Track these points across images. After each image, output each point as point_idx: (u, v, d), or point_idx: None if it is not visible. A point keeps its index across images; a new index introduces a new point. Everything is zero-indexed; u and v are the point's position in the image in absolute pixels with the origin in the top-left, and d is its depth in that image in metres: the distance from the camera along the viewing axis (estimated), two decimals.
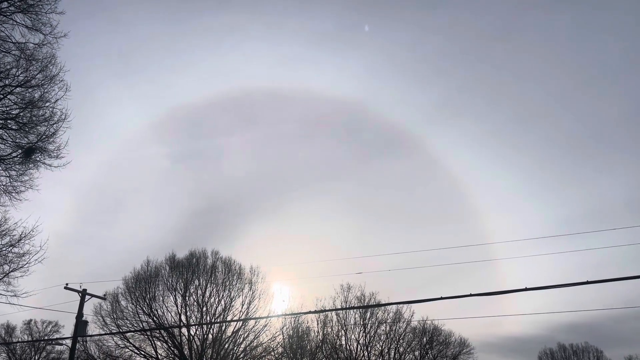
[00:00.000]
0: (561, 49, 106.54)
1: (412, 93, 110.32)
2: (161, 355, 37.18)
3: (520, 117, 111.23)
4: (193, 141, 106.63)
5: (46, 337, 64.88)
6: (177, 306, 37.63)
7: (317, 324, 44.96)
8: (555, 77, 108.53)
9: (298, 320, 42.45)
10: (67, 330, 64.11)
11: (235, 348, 37.78)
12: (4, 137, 17.20)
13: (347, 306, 46.39)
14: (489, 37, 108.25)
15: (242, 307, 38.15)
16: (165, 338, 37.22)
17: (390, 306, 46.84)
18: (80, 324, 27.91)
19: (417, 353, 49.97)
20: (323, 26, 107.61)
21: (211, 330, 37.44)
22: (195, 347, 36.97)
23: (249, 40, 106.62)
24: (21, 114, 17.30)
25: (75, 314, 27.90)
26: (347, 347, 46.33)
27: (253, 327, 38.29)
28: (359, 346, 46.56)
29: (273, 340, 39.74)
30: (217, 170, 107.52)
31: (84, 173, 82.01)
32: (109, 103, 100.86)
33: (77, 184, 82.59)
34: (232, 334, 37.76)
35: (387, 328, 47.92)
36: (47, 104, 17.44)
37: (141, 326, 36.98)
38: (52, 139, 17.58)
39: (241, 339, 38.09)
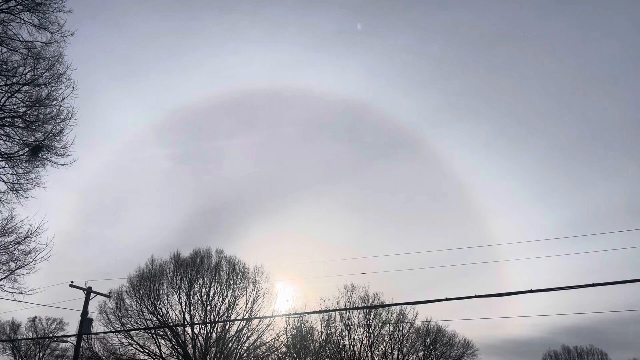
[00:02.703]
0: (563, 51, 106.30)
1: (414, 95, 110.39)
2: (165, 353, 37.28)
3: (522, 119, 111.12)
4: (195, 143, 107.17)
5: (51, 335, 65.15)
6: (181, 305, 37.74)
7: (321, 324, 45.03)
8: (557, 80, 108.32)
9: (302, 320, 42.49)
10: (72, 327, 64.40)
11: (238, 347, 37.83)
12: (11, 135, 17.31)
13: (351, 306, 46.37)
14: (490, 39, 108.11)
15: (245, 306, 38.25)
16: (169, 336, 37.31)
17: (394, 307, 46.83)
18: (85, 322, 27.99)
19: (420, 354, 49.87)
20: (324, 29, 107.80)
21: (215, 329, 37.51)
22: (199, 345, 37.04)
23: (250, 43, 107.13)
24: (28, 112, 17.39)
25: (80, 312, 28.01)
26: (351, 347, 46.32)
27: (257, 326, 38.35)
28: (362, 346, 46.53)
29: (276, 340, 39.81)
30: (218, 171, 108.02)
31: (87, 173, 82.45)
32: (110, 105, 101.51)
33: (80, 184, 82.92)
34: (235, 333, 37.82)
35: (391, 328, 47.88)
36: (54, 102, 17.56)
37: (145, 324, 37.10)
38: (58, 137, 17.69)
39: (245, 338, 38.15)
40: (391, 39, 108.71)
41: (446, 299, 14.71)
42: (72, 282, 28.24)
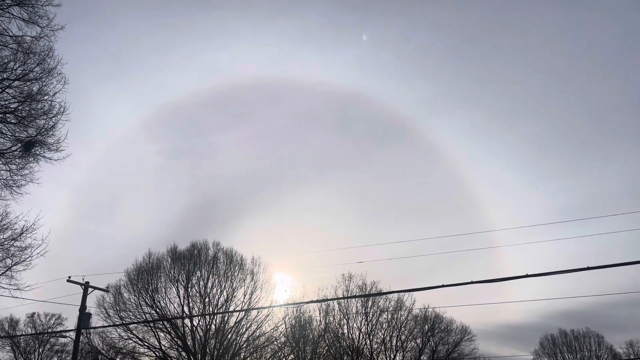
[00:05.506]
0: (559, 35, 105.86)
1: (406, 84, 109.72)
2: (164, 346, 37.44)
3: (519, 104, 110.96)
4: (187, 138, 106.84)
5: (50, 330, 65.18)
6: (179, 297, 37.85)
7: (319, 313, 45.24)
8: (553, 64, 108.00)
9: (300, 310, 42.69)
10: (71, 322, 64.49)
11: (238, 338, 38.03)
12: (4, 131, 17.18)
13: (349, 295, 46.61)
14: (486, 24, 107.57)
15: (244, 298, 38.38)
16: (169, 329, 37.45)
17: (392, 294, 47.06)
18: (84, 317, 28.05)
19: (418, 341, 50.31)
20: (312, 21, 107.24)
21: (214, 321, 37.67)
22: (198, 337, 37.21)
23: (239, 37, 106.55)
24: (20, 107, 17.27)
25: (79, 307, 28.05)
26: (349, 335, 46.64)
27: (255, 317, 38.55)
28: (361, 334, 46.87)
29: (275, 330, 40.04)
30: (212, 166, 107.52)
31: (80, 170, 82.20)
32: (101, 102, 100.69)
33: (74, 182, 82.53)
34: (234, 325, 38.00)
35: (389, 316, 48.21)
36: (46, 97, 17.40)
37: (144, 318, 37.19)
38: (51, 132, 17.56)
39: (244, 329, 38.34)
40: (385, 27, 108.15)
41: (443, 286, 14.82)
42: (69, 277, 28.24)
